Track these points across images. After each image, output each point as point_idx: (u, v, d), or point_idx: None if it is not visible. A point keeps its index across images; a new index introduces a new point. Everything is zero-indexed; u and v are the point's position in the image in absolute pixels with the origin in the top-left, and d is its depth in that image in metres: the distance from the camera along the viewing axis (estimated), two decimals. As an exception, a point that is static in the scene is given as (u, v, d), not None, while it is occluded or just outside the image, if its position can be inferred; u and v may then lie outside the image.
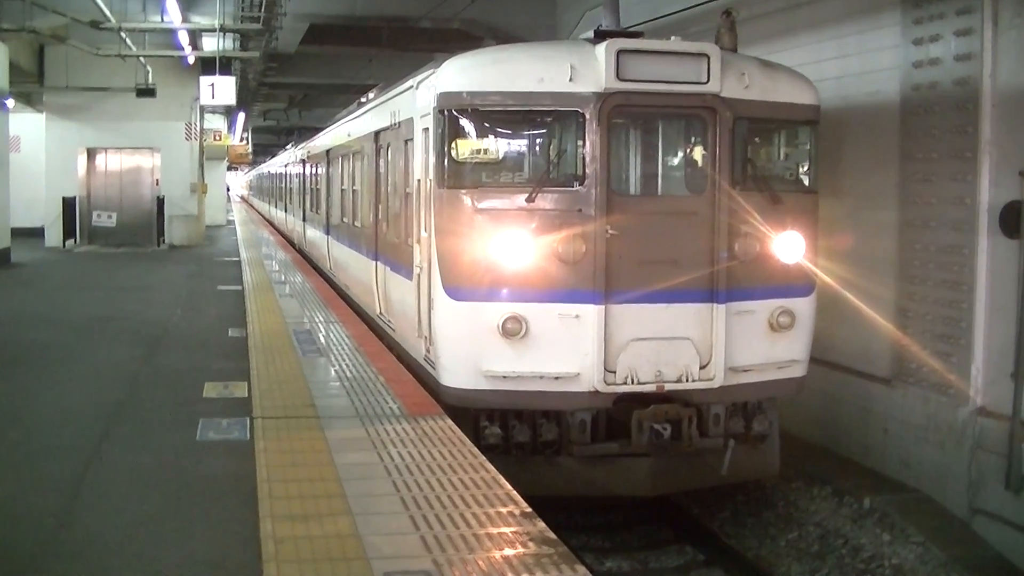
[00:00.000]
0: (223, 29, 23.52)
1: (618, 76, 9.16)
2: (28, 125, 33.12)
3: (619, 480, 9.57)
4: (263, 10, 22.23)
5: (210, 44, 26.63)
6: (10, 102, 25.50)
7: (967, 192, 11.04)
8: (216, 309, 16.23)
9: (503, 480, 6.88)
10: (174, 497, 6.77)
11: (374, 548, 5.57)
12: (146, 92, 27.45)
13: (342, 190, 17.90)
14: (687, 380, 9.37)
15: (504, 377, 9.28)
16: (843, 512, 11.06)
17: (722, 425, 9.76)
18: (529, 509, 6.26)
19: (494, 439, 9.34)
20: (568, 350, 9.22)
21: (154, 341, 13.17)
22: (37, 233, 30.75)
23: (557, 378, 9.23)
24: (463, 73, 9.71)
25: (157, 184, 31.89)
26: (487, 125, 9.70)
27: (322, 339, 12.78)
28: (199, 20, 24.88)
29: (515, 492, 6.62)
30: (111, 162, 32.28)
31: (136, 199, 32.07)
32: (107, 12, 21.72)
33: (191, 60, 27.71)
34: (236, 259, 25.38)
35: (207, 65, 26.50)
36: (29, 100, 32.28)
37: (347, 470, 7.06)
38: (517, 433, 9.43)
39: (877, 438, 12.22)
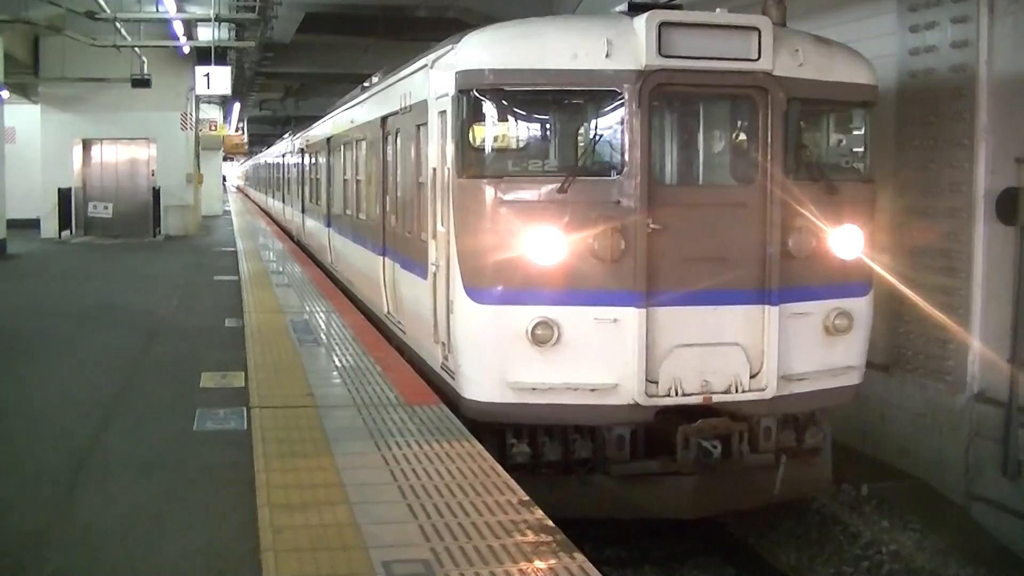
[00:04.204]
0: (218, 19, 23.51)
1: (660, 52, 8.21)
2: (23, 116, 33.04)
3: (660, 501, 8.62)
4: (258, -1, 22.21)
5: (205, 34, 26.61)
6: (5, 93, 25.42)
7: (964, 179, 11.05)
8: (213, 299, 16.22)
9: (500, 468, 6.90)
10: (172, 487, 6.78)
11: (373, 537, 5.58)
12: (141, 82, 27.36)
13: (344, 180, 17.10)
14: (736, 390, 8.47)
15: (533, 389, 8.35)
16: (841, 499, 11.06)
17: (773, 439, 8.91)
18: (527, 497, 6.27)
19: (522, 458, 8.45)
20: (605, 358, 8.30)
21: (151, 331, 13.15)
22: (33, 224, 30.71)
23: (593, 390, 8.31)
24: (486, 49, 8.77)
25: (153, 175, 31.84)
26: (513, 107, 8.83)
27: (319, 329, 12.77)
28: (194, 10, 24.85)
29: (512, 481, 6.63)
30: (107, 153, 32.24)
31: (132, 190, 32.02)
32: (102, 2, 21.67)
33: (186, 50, 27.64)
34: (232, 249, 25.36)
35: (202, 55, 26.46)
36: (24, 91, 32.19)
37: (345, 459, 7.07)
38: (547, 451, 8.56)
39: (875, 425, 12.23)
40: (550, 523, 5.80)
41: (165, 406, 9.05)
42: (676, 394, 8.37)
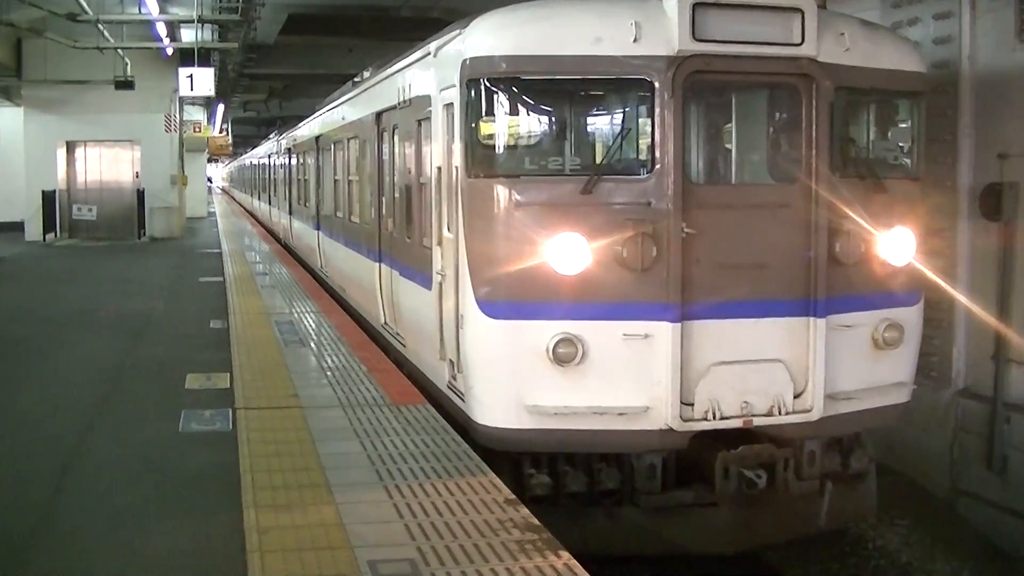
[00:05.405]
0: (201, 20, 23.39)
1: (694, 36, 7.39)
2: (7, 119, 33.03)
3: (695, 535, 7.88)
4: (241, 0, 22.12)
5: (189, 35, 26.51)
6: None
7: (947, 175, 11.08)
8: (198, 301, 16.18)
9: (485, 467, 6.91)
10: (158, 488, 6.76)
11: (358, 536, 5.58)
12: (125, 84, 27.23)
13: (335, 181, 16.27)
14: (780, 412, 7.66)
15: (554, 413, 7.50)
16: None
17: (818, 464, 8.14)
18: (512, 496, 6.28)
19: (542, 489, 7.63)
20: (635, 379, 7.48)
21: (136, 333, 13.12)
22: (17, 227, 30.61)
23: (621, 414, 7.49)
24: (498, 33, 7.87)
25: (137, 177, 31.74)
26: (529, 98, 7.91)
27: (304, 330, 12.76)
28: (177, 11, 24.77)
29: (498, 479, 6.64)
30: (91, 155, 32.10)
31: (116, 192, 31.90)
32: (84, 4, 21.57)
33: (169, 52, 27.58)
34: (217, 251, 25.33)
35: (186, 56, 26.39)
36: (7, 94, 32.12)
37: (331, 459, 7.08)
38: (570, 481, 7.73)
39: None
40: (536, 521, 5.81)
41: (151, 408, 9.04)
42: (713, 417, 7.54)
